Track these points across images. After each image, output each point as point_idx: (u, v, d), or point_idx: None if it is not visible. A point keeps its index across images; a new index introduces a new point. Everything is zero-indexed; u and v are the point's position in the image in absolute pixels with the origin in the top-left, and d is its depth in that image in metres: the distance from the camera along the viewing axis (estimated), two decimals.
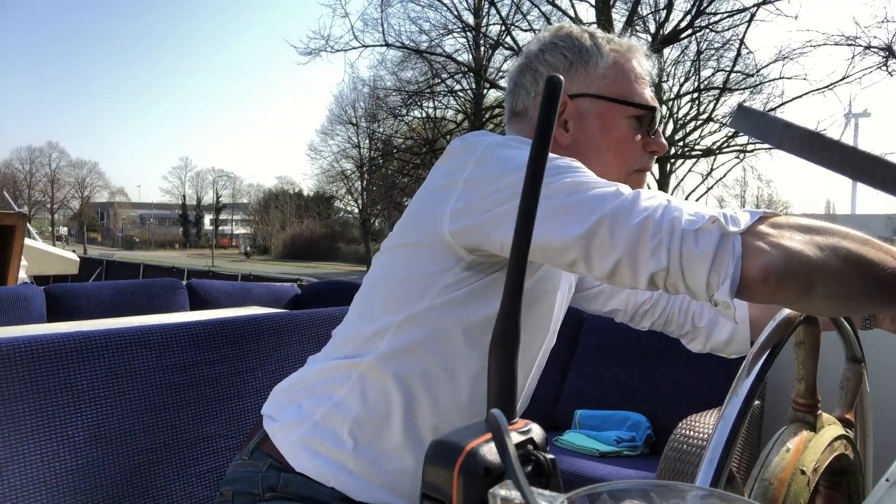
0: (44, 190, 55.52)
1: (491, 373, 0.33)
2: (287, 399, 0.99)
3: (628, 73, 1.01)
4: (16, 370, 1.12)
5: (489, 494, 0.29)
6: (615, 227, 0.70)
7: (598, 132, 1.00)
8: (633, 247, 0.69)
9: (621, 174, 1.00)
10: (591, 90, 1.00)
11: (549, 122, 0.31)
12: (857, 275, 0.65)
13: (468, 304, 0.91)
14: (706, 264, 0.66)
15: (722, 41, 13.99)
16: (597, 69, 1.00)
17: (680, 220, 0.68)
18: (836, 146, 0.40)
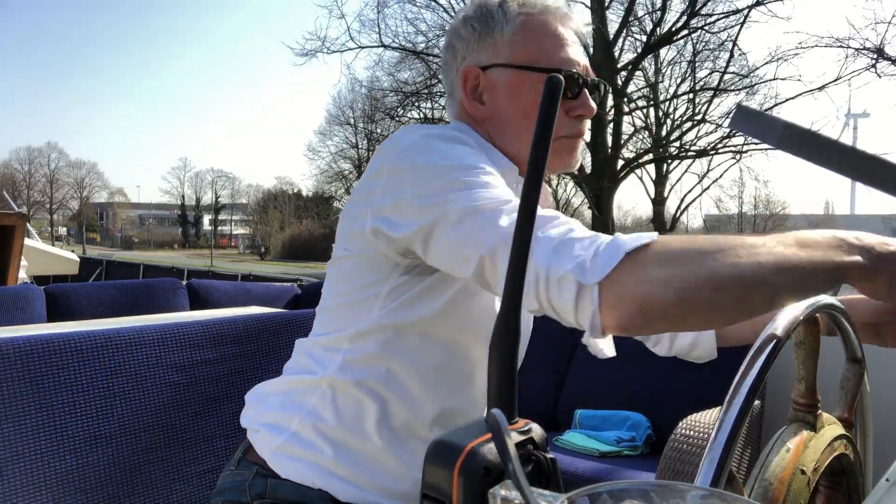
0: (43, 190, 55.52)
1: (491, 373, 0.33)
2: (263, 409, 1.00)
3: (539, 36, 0.95)
4: (16, 370, 1.12)
5: (489, 494, 0.29)
6: (494, 265, 0.72)
7: (510, 103, 0.96)
8: None
9: None
10: (499, 59, 0.96)
11: (548, 123, 0.31)
12: (729, 297, 0.64)
13: (417, 306, 0.91)
14: (571, 310, 0.68)
15: (718, 42, 14.06)
16: (503, 36, 0.96)
17: (545, 266, 0.68)
18: (835, 146, 0.40)
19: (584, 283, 0.65)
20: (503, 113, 0.97)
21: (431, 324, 0.92)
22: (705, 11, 13.07)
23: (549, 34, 0.96)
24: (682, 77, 15.52)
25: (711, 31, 13.73)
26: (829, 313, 0.77)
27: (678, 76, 15.81)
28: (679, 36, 13.57)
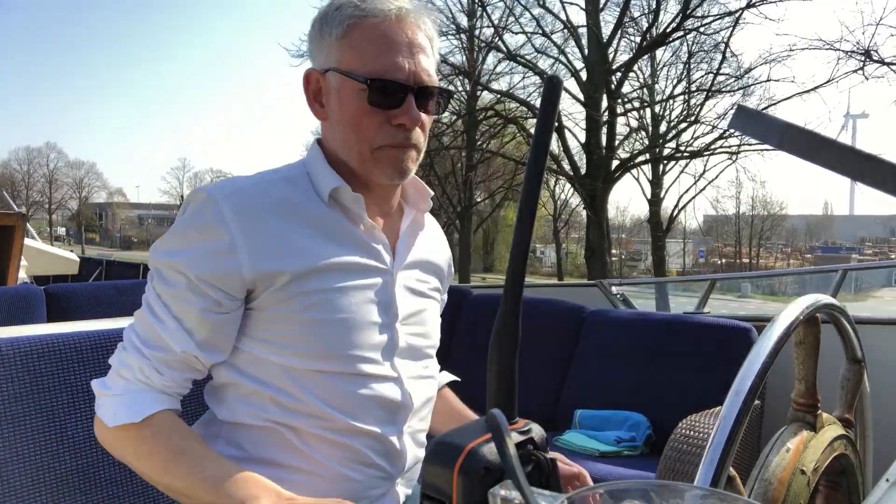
0: (41, 190, 55.47)
1: (491, 373, 0.33)
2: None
3: (363, 41, 0.93)
4: (16, 370, 1.12)
5: (489, 494, 0.29)
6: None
7: (338, 108, 0.95)
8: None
9: (365, 151, 0.95)
10: (330, 63, 0.95)
11: (548, 123, 0.31)
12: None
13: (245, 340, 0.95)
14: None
15: (713, 43, 14.14)
16: (331, 39, 0.95)
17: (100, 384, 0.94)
18: (835, 146, 0.40)
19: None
20: (336, 118, 0.97)
21: (269, 347, 0.95)
22: (699, 13, 13.17)
23: (375, 38, 0.93)
24: (679, 78, 15.60)
25: (706, 33, 13.81)
26: (829, 313, 0.77)
27: (674, 77, 15.88)
28: (673, 38, 13.66)
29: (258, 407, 0.94)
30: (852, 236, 52.53)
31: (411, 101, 0.94)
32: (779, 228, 40.16)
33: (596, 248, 13.24)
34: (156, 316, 0.90)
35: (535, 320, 2.85)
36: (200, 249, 0.89)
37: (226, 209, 0.89)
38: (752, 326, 2.43)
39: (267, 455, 0.94)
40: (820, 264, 33.43)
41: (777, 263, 38.83)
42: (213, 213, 0.89)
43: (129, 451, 0.90)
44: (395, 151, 0.96)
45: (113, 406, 0.89)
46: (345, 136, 0.96)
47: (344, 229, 0.97)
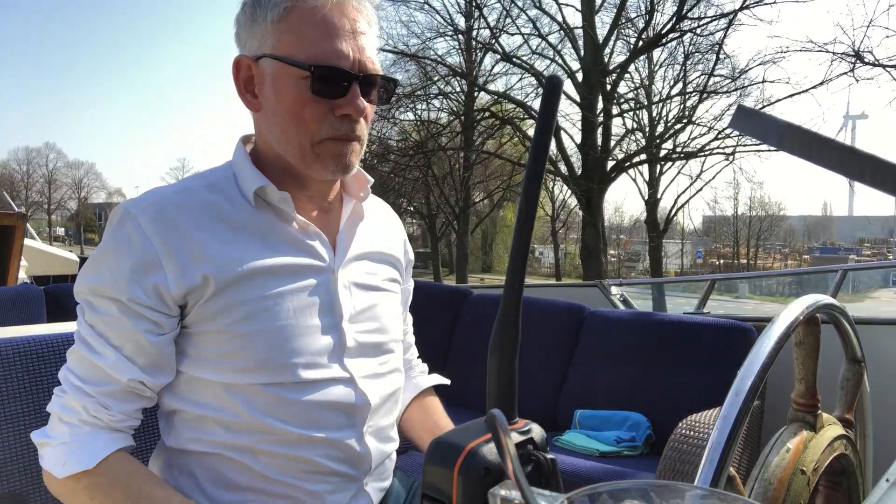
0: (41, 191, 55.48)
1: (491, 373, 0.33)
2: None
3: (303, 25, 0.86)
4: (16, 370, 1.12)
5: (489, 494, 0.29)
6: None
7: (274, 97, 0.88)
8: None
9: (306, 144, 0.89)
10: (265, 48, 0.88)
11: (548, 123, 0.31)
12: None
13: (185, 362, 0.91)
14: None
15: (709, 45, 14.26)
16: (266, 23, 0.87)
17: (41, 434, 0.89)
18: (835, 146, 0.40)
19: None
20: (271, 108, 0.89)
21: (201, 364, 0.91)
22: (693, 15, 13.31)
23: (315, 23, 0.86)
24: (675, 79, 15.70)
25: (701, 35, 13.93)
26: (829, 313, 0.77)
27: (671, 78, 15.99)
28: (667, 39, 13.79)
29: (203, 431, 0.89)
30: (851, 237, 52.57)
31: (356, 89, 0.87)
32: (776, 229, 40.26)
33: (592, 248, 13.29)
34: (93, 350, 0.86)
35: (535, 320, 2.85)
36: (126, 269, 0.84)
37: (145, 222, 0.84)
38: (752, 326, 2.43)
39: (221, 480, 0.90)
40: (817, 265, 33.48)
41: (775, 264, 38.89)
42: (132, 228, 0.84)
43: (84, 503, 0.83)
44: (338, 145, 0.89)
45: (60, 455, 0.83)
46: (282, 127, 0.89)
47: (274, 230, 0.91)
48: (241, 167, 0.94)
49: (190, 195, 0.89)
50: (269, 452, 0.88)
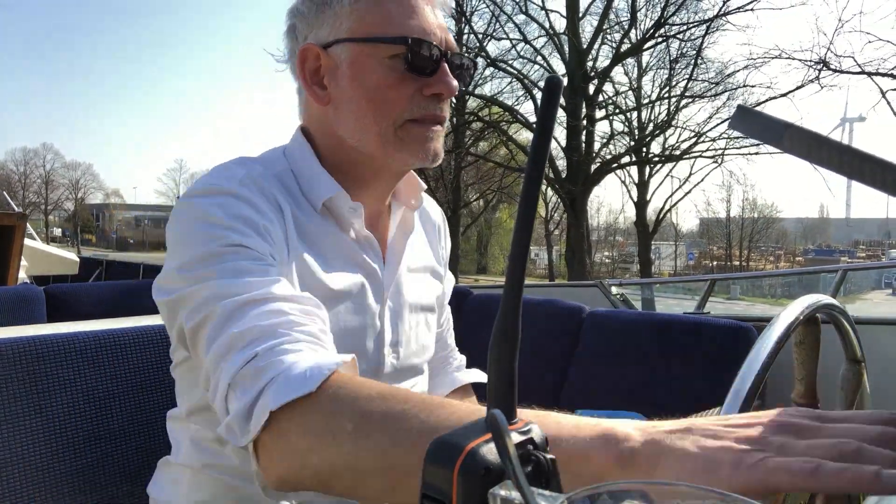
0: (38, 191, 55.55)
1: (490, 373, 0.33)
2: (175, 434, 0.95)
3: (383, 3, 0.79)
4: (16, 371, 1.12)
5: (489, 494, 0.29)
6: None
7: (351, 83, 0.80)
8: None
9: (388, 129, 0.80)
10: (340, 33, 0.81)
11: (548, 124, 0.31)
12: (375, 486, 0.54)
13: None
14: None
15: (694, 50, 14.48)
16: (342, 5, 0.80)
17: (227, 419, 0.62)
18: (836, 146, 0.40)
19: (236, 444, 0.61)
20: (346, 97, 0.81)
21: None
22: (675, 21, 13.59)
23: (398, 0, 0.80)
24: (661, 83, 15.91)
25: (684, 40, 14.15)
26: (829, 313, 0.77)
27: (659, 82, 16.21)
28: (648, 45, 14.07)
29: (209, 452, 0.86)
30: (848, 239, 52.63)
31: (446, 67, 0.81)
32: (769, 231, 40.43)
33: (576, 250, 13.42)
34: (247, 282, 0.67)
35: (534, 320, 2.85)
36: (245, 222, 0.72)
37: (255, 196, 0.75)
38: (752, 326, 2.44)
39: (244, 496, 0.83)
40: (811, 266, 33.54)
41: (767, 266, 39.03)
42: (246, 195, 0.75)
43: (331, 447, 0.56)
44: (423, 128, 0.81)
45: (258, 413, 0.59)
46: (358, 115, 0.80)
47: (335, 242, 0.84)
48: (308, 169, 0.84)
49: (268, 184, 0.79)
50: None
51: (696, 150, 14.94)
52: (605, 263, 38.50)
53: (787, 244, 47.07)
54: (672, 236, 38.21)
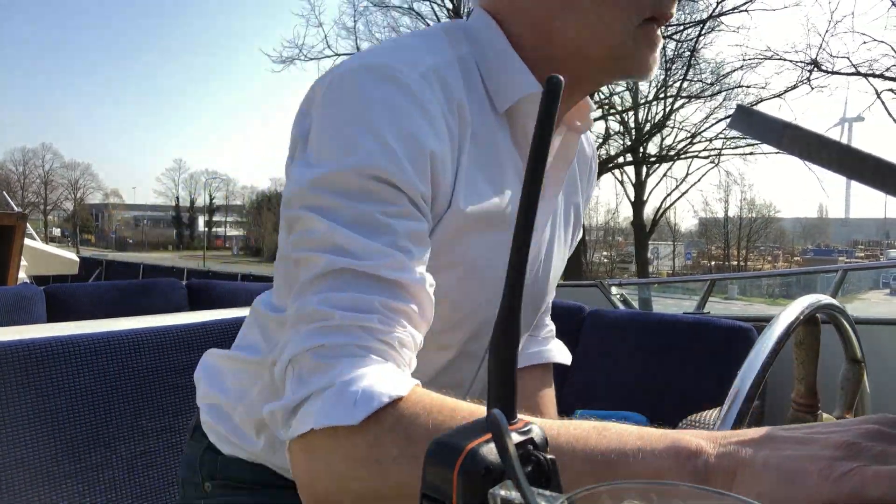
0: (37, 191, 55.63)
1: (491, 373, 0.33)
2: (211, 387, 0.86)
3: None
4: (15, 373, 1.12)
5: (489, 494, 0.29)
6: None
7: None
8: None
9: (632, 24, 0.65)
10: None
11: (548, 123, 0.31)
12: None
13: None
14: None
15: (689, 50, 14.56)
16: None
17: (272, 407, 0.57)
18: (835, 146, 0.40)
19: (276, 433, 0.58)
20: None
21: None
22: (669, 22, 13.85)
23: None
24: (659, 84, 15.96)
25: (678, 40, 14.21)
26: (829, 313, 0.77)
27: (655, 83, 16.26)
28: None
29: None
30: (847, 239, 52.72)
31: None
32: (767, 231, 40.58)
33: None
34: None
35: None
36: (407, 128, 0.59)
37: (434, 102, 0.61)
38: (752, 326, 2.44)
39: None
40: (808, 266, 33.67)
41: (765, 266, 39.16)
42: (425, 99, 0.60)
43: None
44: (654, 31, 0.67)
45: (344, 396, 0.51)
46: (601, 2, 0.65)
47: (507, 157, 0.69)
48: (500, 59, 0.68)
49: (454, 82, 0.65)
50: None
51: (693, 151, 15.03)
52: (604, 263, 38.56)
53: (785, 244, 47.17)
54: (670, 236, 38.37)
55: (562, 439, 0.45)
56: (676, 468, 0.41)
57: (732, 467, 0.40)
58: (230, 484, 0.83)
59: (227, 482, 0.84)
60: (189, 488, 0.88)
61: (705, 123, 15.14)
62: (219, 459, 0.84)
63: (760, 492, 0.38)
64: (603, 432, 0.46)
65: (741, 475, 0.39)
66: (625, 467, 0.43)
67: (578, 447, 0.45)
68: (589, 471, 0.44)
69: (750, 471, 0.39)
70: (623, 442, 0.44)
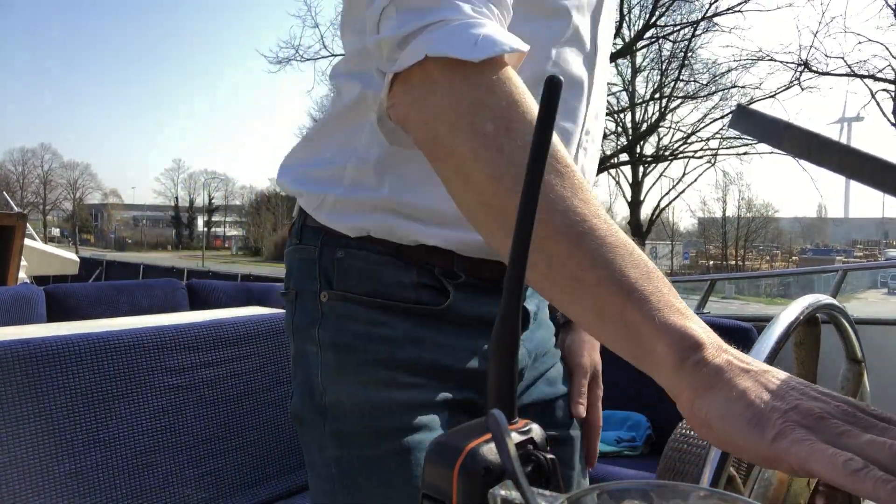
0: (36, 191, 55.68)
1: (491, 373, 0.33)
2: (303, 168, 0.79)
3: None
4: (14, 374, 1.12)
5: (489, 494, 0.29)
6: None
7: None
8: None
9: None
10: None
11: (548, 123, 0.31)
12: (488, 213, 0.50)
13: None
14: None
15: (682, 51, 14.68)
16: None
17: (380, 37, 0.55)
18: (835, 147, 0.40)
19: (380, 66, 0.56)
20: None
21: None
22: (665, 23, 13.81)
23: None
24: (654, 84, 16.07)
25: (673, 41, 14.33)
26: (829, 313, 0.77)
27: (652, 83, 16.36)
28: (640, 46, 14.26)
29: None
30: (846, 238, 52.75)
31: None
32: (764, 231, 40.66)
33: None
34: None
35: None
36: None
37: None
38: (752, 326, 2.44)
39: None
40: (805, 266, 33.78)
41: (763, 265, 39.25)
42: None
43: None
44: None
45: (465, 33, 0.51)
46: None
47: None
48: None
49: None
50: None
51: (690, 151, 15.14)
52: None
53: (783, 243, 47.21)
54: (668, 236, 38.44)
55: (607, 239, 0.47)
56: (670, 346, 0.43)
57: (711, 382, 0.41)
58: (347, 296, 0.74)
59: (345, 294, 0.74)
60: (307, 297, 0.77)
61: (701, 123, 15.26)
62: (336, 258, 0.74)
63: (721, 415, 0.40)
64: (633, 254, 0.47)
65: (714, 394, 0.41)
66: (631, 305, 0.45)
67: (606, 250, 0.46)
68: (589, 267, 0.46)
69: (722, 394, 0.41)
70: (652, 285, 0.45)
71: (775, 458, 0.37)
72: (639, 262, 0.46)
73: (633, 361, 0.50)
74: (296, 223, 0.80)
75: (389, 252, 0.73)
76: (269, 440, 1.63)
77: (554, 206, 0.47)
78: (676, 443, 2.06)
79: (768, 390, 0.40)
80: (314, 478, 0.75)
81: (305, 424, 0.75)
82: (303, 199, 0.78)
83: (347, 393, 0.72)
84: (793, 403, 0.39)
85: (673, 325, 0.44)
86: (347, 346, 0.72)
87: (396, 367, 0.71)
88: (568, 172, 0.48)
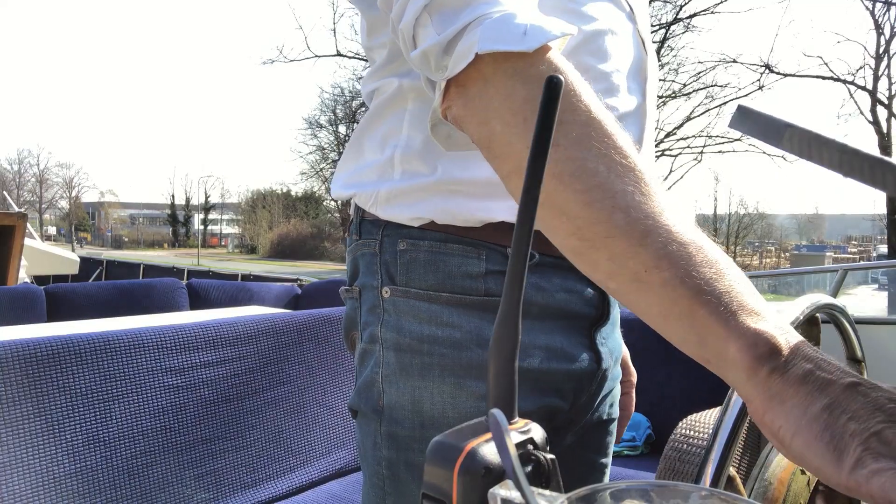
0: (32, 190, 55.72)
1: (491, 373, 0.33)
2: (353, 173, 0.78)
3: None
4: (14, 374, 1.12)
5: (489, 494, 0.29)
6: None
7: None
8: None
9: None
10: None
11: (548, 123, 0.31)
12: (564, 223, 0.47)
13: None
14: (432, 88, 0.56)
15: (657, 52, 14.98)
16: None
17: (424, 46, 0.54)
18: (836, 146, 0.40)
19: (429, 75, 0.55)
20: None
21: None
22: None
23: None
24: None
25: (654, 41, 14.80)
26: (829, 313, 0.77)
27: None
28: None
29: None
30: (842, 235, 52.83)
31: None
32: (756, 227, 40.78)
33: None
34: None
35: None
36: None
37: None
38: None
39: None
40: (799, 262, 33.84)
41: (753, 262, 39.41)
42: None
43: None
44: None
45: (513, 25, 0.50)
46: None
47: None
48: None
49: None
50: None
51: (677, 148, 15.34)
52: None
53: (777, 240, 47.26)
54: None
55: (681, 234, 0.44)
56: (745, 350, 0.40)
57: (785, 397, 0.37)
58: (410, 291, 0.72)
59: (409, 288, 0.72)
60: (369, 293, 0.75)
61: (687, 121, 15.46)
62: (399, 249, 0.72)
63: (798, 433, 0.36)
64: (704, 251, 0.44)
65: (792, 406, 0.37)
66: (702, 301, 0.41)
67: (684, 251, 0.43)
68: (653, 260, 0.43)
69: (795, 414, 0.37)
70: (718, 273, 0.42)
71: (855, 489, 0.34)
72: (710, 260, 0.43)
73: (704, 364, 0.45)
74: (353, 221, 0.78)
75: (455, 238, 0.70)
76: (269, 440, 1.63)
77: (614, 202, 0.45)
78: (676, 443, 2.07)
79: (851, 409, 0.36)
80: (366, 469, 0.73)
81: (361, 418, 0.73)
82: (357, 198, 0.76)
83: (407, 397, 0.69)
84: (876, 428, 0.35)
85: (746, 327, 0.40)
86: (409, 347, 0.70)
87: (462, 373, 0.68)
88: (629, 164, 0.46)
